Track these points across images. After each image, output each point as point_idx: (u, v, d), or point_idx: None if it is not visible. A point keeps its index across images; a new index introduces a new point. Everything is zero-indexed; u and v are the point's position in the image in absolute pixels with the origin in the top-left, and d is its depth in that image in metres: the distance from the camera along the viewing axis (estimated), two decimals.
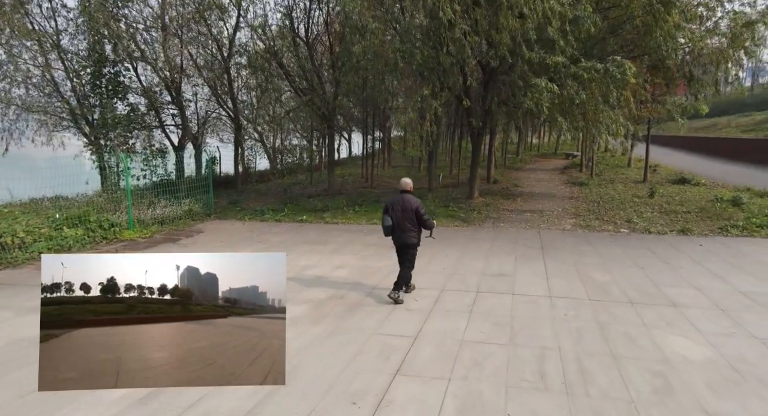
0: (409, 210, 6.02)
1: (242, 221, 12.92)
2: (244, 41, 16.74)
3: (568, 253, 8.52)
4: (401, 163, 31.56)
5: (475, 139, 14.57)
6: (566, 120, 10.58)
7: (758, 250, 8.45)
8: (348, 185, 20.34)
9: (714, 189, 15.29)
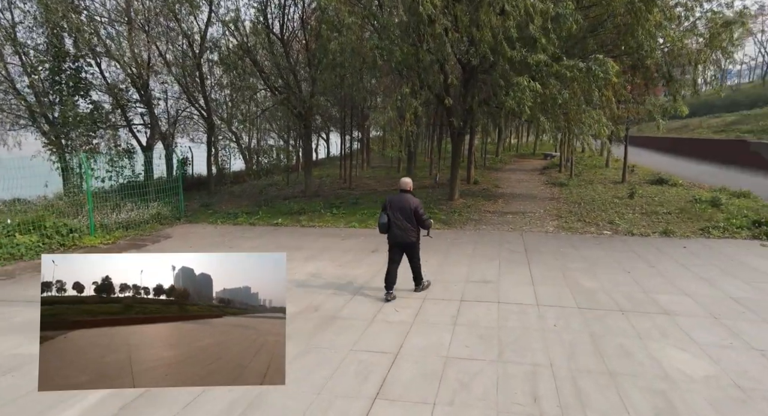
0: (407, 209, 6.08)
1: (214, 225, 12.32)
2: (217, 37, 16.07)
3: (552, 257, 8.24)
4: (380, 163, 31.17)
5: (456, 139, 14.27)
6: (548, 120, 10.34)
7: (740, 252, 8.33)
8: (326, 186, 19.83)
9: (691, 189, 15.36)
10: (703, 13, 11.69)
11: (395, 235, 6.17)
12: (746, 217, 10.57)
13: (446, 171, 21.28)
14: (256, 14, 14.98)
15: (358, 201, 15.15)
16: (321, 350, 4.75)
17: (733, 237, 9.48)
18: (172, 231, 11.53)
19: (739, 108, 35.07)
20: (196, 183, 19.58)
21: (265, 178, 23.39)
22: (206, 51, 15.94)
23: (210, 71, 16.99)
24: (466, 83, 12.36)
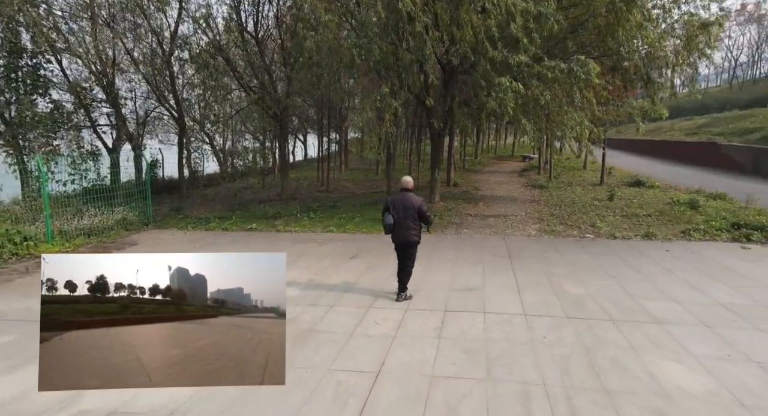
0: (411, 208, 6.06)
1: (184, 230, 11.73)
2: (188, 35, 15.43)
3: (537, 262, 8.01)
4: (359, 165, 30.77)
5: (436, 141, 14.01)
6: (530, 121, 10.16)
7: (722, 255, 8.26)
8: (302, 189, 19.34)
9: (668, 191, 15.47)
10: (681, 15, 11.72)
11: (399, 235, 6.12)
12: (725, 219, 10.60)
13: (425, 173, 21.08)
14: (228, 11, 14.46)
15: (335, 204, 14.74)
16: (296, 370, 4.34)
17: (714, 239, 9.45)
18: (138, 238, 10.91)
19: (708, 111, 36.01)
20: (167, 186, 18.84)
21: (240, 180, 22.75)
22: (177, 49, 15.28)
23: (181, 70, 16.33)
24: (446, 84, 12.11)
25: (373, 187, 19.64)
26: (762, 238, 9.16)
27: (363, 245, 9.58)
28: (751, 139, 22.04)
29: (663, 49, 11.80)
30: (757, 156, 20.24)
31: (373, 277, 7.35)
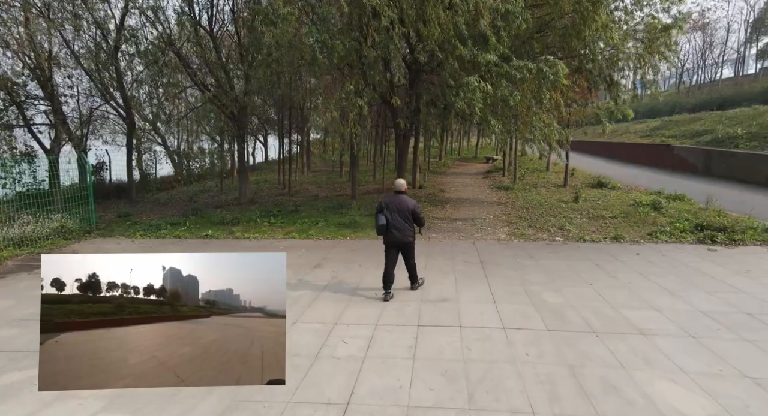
0: (405, 210, 6.25)
1: (132, 238, 10.78)
2: (137, 28, 14.34)
3: (510, 269, 7.70)
4: (322, 167, 30.07)
5: (401, 142, 13.60)
6: (499, 122, 9.89)
7: (692, 258, 8.22)
8: (263, 193, 18.51)
9: (630, 193, 15.69)
10: (642, 18, 11.82)
11: (393, 236, 6.26)
12: (688, 221, 10.69)
13: (390, 175, 20.67)
14: (180, 4, 13.53)
15: (297, 208, 14.06)
16: (252, 404, 3.77)
17: (680, 241, 9.45)
18: (79, 247, 9.90)
19: (659, 114, 37.48)
20: (115, 190, 17.56)
21: (196, 184, 21.63)
22: (124, 42, 14.17)
23: (129, 66, 15.18)
24: (412, 83, 11.72)
25: (336, 189, 19.04)
26: (726, 240, 9.23)
27: (327, 253, 9.02)
28: (702, 141, 22.90)
29: (625, 52, 11.87)
30: (707, 157, 20.99)
31: (339, 288, 6.82)
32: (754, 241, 9.12)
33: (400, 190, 6.42)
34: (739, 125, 21.71)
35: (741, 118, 23.22)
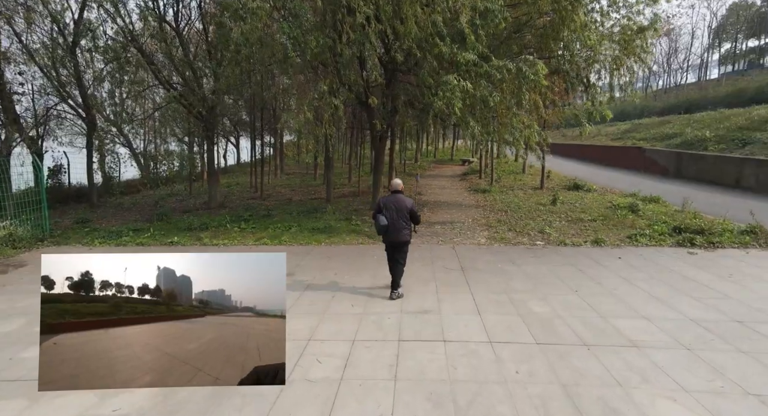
0: (403, 209, 6.30)
1: (90, 246, 10.04)
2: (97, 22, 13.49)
3: (492, 275, 7.39)
4: (295, 170, 29.44)
5: (377, 144, 13.22)
6: (478, 123, 9.61)
7: (674, 262, 8.11)
8: (234, 197, 17.83)
9: (606, 195, 15.72)
10: (617, 20, 11.78)
11: (393, 235, 6.31)
12: (665, 224, 10.66)
13: (365, 178, 20.27)
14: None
15: (270, 213, 13.50)
16: None
17: (660, 245, 9.36)
18: (28, 258, 9.13)
19: (629, 117, 38.27)
20: (75, 195, 16.58)
21: (164, 187, 20.71)
22: (83, 37, 13.32)
23: (89, 62, 14.29)
24: (389, 82, 11.35)
25: (311, 193, 18.51)
26: (705, 243, 9.18)
27: (300, 260, 8.54)
28: (672, 144, 23.35)
29: (602, 53, 11.80)
30: (678, 160, 21.38)
31: (313, 300, 6.37)
32: (732, 244, 9.10)
33: (397, 190, 6.48)
34: (707, 128, 22.22)
35: (708, 121, 23.79)
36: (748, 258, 8.23)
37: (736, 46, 51.27)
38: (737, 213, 11.46)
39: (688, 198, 12.41)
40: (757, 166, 16.32)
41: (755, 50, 49.60)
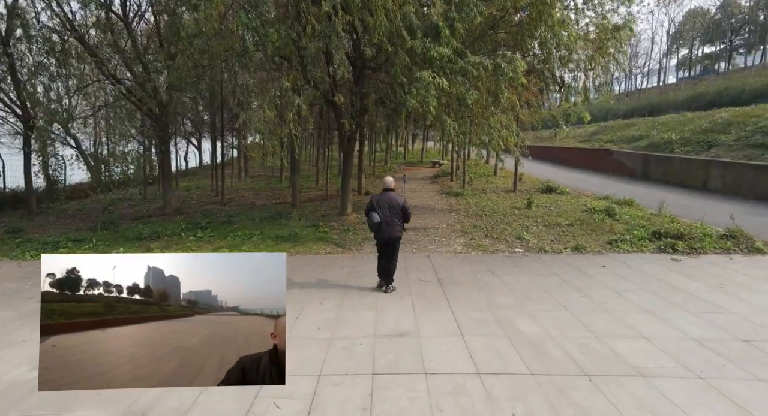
0: (395, 206, 6.55)
1: (19, 260, 8.89)
2: (34, 8, 12.17)
3: (473, 289, 6.78)
4: (261, 172, 28.30)
5: (346, 146, 12.47)
6: (455, 123, 9.01)
7: (660, 270, 7.73)
8: (193, 201, 16.68)
9: (579, 198, 15.48)
10: (592, 19, 11.47)
11: (384, 232, 6.52)
12: (644, 228, 10.37)
13: (334, 180, 19.47)
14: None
15: (230, 219, 12.53)
16: None
17: (641, 251, 9.01)
18: None
19: (595, 120, 38.85)
20: (11, 200, 15.08)
21: (117, 191, 19.27)
22: (16, 27, 11.98)
23: (24, 54, 12.90)
24: (358, 80, 10.63)
25: (275, 197, 17.54)
26: (686, 248, 8.89)
27: None
28: (639, 146, 23.61)
29: (577, 52, 11.48)
30: (645, 162, 21.57)
31: None
32: (714, 249, 8.83)
33: (389, 188, 6.71)
34: (672, 131, 22.54)
35: (672, 123, 24.19)
36: (733, 264, 7.94)
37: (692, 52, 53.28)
38: (710, 216, 11.32)
39: (664, 201, 12.21)
40: (723, 168, 16.48)
41: (710, 56, 51.64)
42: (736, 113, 20.45)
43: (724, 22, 46.91)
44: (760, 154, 15.63)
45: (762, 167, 14.64)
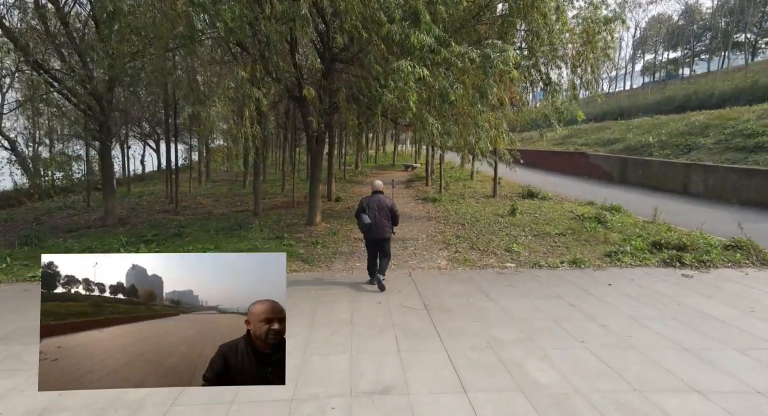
0: (385, 208, 6.85)
1: None
2: None
3: (467, 318, 5.64)
4: (224, 177, 26.54)
5: (314, 147, 11.17)
6: (438, 121, 7.88)
7: (673, 288, 6.81)
8: (143, 210, 14.99)
9: (562, 203, 14.69)
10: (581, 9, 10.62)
11: (376, 233, 6.76)
12: (641, 237, 9.53)
13: (302, 185, 18.13)
14: None
15: (182, 230, 11.02)
16: None
17: (645, 264, 8.09)
18: None
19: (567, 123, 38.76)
20: None
21: (58, 198, 17.29)
22: None
23: None
24: (327, 73, 9.38)
25: (237, 204, 16.03)
26: (694, 261, 8.03)
27: None
28: (615, 149, 23.21)
29: (565, 47, 10.61)
30: (623, 165, 21.13)
31: None
32: (723, 263, 7.99)
33: (379, 190, 6.99)
34: (648, 133, 22.22)
35: (647, 126, 23.94)
36: (751, 281, 7.09)
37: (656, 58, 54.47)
38: (699, 222, 10.63)
39: (656, 207, 11.45)
40: (704, 171, 16.04)
41: (674, 62, 52.89)
42: (712, 116, 20.23)
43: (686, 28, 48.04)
44: (743, 158, 15.23)
45: (747, 171, 14.19)
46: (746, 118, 18.02)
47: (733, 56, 43.69)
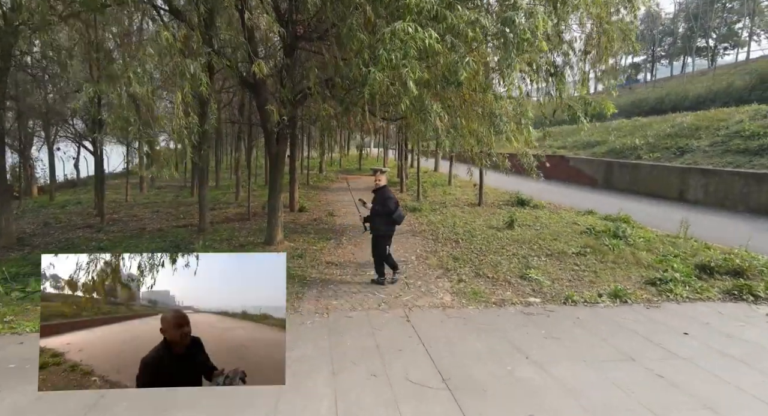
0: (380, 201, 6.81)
1: None
2: None
3: (510, 400, 3.59)
4: (171, 182, 23.58)
5: (275, 148, 8.92)
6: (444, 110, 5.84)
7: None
8: (60, 224, 12.21)
9: (559, 213, 13.02)
10: None
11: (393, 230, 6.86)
12: (678, 257, 7.86)
13: (260, 193, 15.72)
14: None
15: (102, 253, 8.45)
16: None
17: (707, 298, 6.33)
18: None
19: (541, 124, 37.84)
20: None
21: None
22: None
23: None
24: (291, 49, 7.17)
25: (180, 216, 13.44)
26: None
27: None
28: (598, 152, 22.03)
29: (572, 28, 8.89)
30: (608, 169, 19.91)
31: None
32: None
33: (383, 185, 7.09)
34: (631, 135, 21.14)
35: (628, 128, 22.93)
36: None
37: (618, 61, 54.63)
38: (715, 234, 9.16)
39: (685, 220, 9.84)
40: (704, 176, 14.83)
41: (635, 66, 53.50)
42: (700, 117, 19.28)
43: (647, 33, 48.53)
44: (746, 161, 14.07)
45: (756, 175, 12.97)
46: (737, 118, 17.07)
47: (698, 61, 44.28)
